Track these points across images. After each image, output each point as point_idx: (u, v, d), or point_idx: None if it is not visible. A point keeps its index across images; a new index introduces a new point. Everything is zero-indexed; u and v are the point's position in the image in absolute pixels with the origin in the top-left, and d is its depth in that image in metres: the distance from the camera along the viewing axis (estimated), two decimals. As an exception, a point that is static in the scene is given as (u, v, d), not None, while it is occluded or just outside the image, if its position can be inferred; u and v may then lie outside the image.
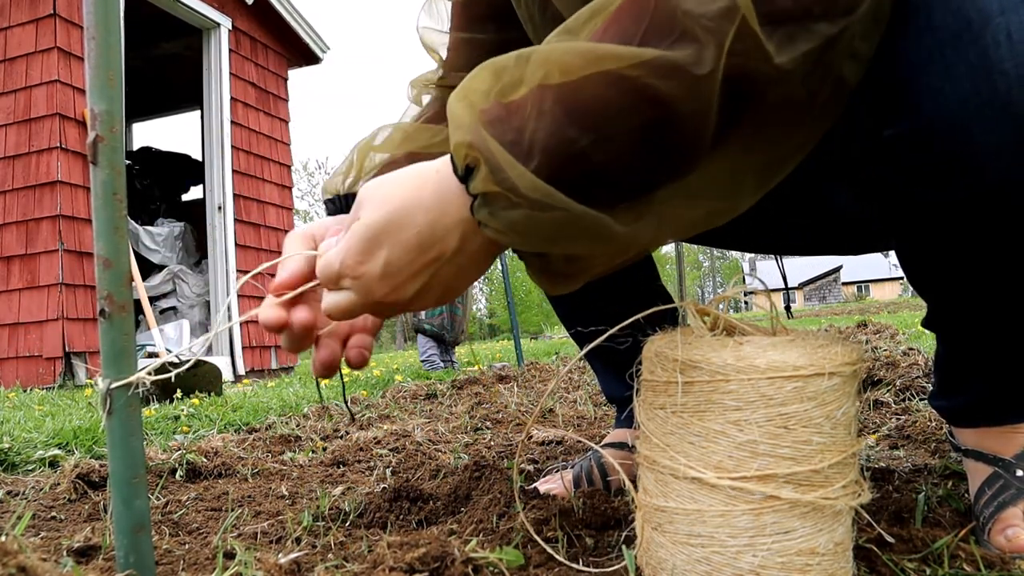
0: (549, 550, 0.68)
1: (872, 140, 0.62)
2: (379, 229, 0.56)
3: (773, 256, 1.03)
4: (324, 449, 1.63)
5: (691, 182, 0.54)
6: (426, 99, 0.97)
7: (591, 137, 0.50)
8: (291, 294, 0.63)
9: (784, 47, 0.48)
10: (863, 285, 52.03)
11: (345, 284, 0.58)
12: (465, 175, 0.54)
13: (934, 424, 1.36)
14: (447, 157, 0.56)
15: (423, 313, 4.49)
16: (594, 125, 0.50)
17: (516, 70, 0.53)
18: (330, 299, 0.60)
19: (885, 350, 2.34)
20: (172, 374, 0.60)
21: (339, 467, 1.43)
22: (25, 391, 3.91)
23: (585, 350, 0.63)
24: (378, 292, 0.57)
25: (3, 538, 0.63)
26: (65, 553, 0.78)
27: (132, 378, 0.55)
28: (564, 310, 1.16)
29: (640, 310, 0.63)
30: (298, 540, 0.86)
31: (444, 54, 0.98)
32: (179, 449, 1.47)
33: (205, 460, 1.41)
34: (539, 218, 0.52)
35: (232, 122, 5.98)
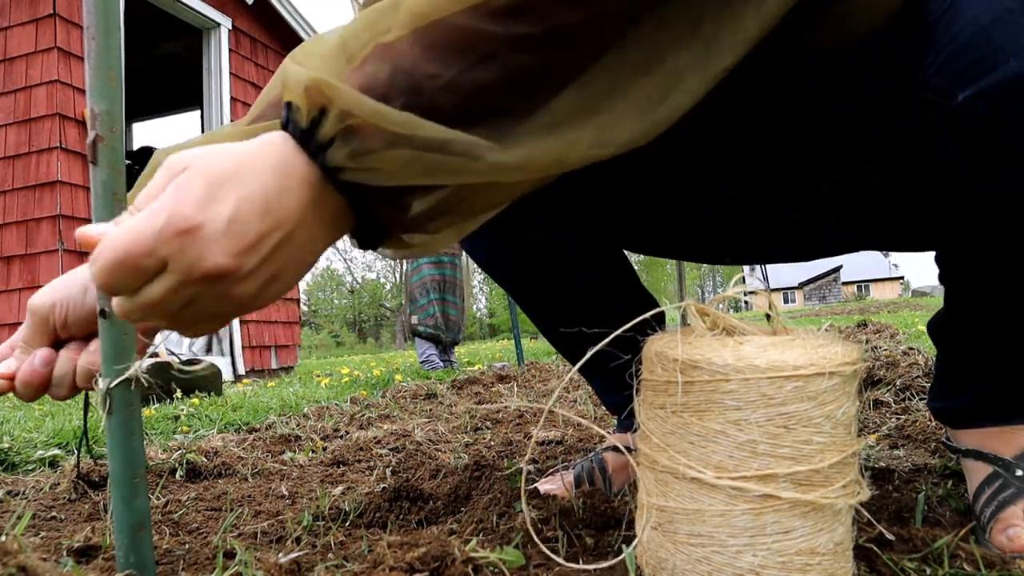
0: (548, 552, 0.68)
1: (933, 110, 0.58)
2: (225, 176, 0.47)
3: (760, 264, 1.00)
4: (324, 449, 1.63)
5: (588, 89, 0.51)
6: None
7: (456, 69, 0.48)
8: None
9: None
10: (863, 285, 52.03)
11: (163, 252, 0.46)
12: (311, 127, 0.49)
13: (934, 424, 1.36)
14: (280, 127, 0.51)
15: (415, 317, 4.51)
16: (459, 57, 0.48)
17: (363, 33, 0.51)
18: (144, 293, 0.47)
19: (885, 350, 2.34)
20: (175, 364, 0.60)
21: (339, 467, 1.43)
22: (25, 391, 3.90)
23: (579, 364, 0.61)
24: (216, 254, 0.46)
25: (3, 538, 0.63)
26: (65, 553, 0.78)
27: (129, 372, 0.55)
28: (547, 332, 1.08)
29: (627, 324, 0.59)
30: (298, 540, 0.86)
31: None
32: (179, 449, 1.47)
33: (205, 460, 1.41)
34: (402, 152, 0.48)
35: (232, 122, 5.97)
